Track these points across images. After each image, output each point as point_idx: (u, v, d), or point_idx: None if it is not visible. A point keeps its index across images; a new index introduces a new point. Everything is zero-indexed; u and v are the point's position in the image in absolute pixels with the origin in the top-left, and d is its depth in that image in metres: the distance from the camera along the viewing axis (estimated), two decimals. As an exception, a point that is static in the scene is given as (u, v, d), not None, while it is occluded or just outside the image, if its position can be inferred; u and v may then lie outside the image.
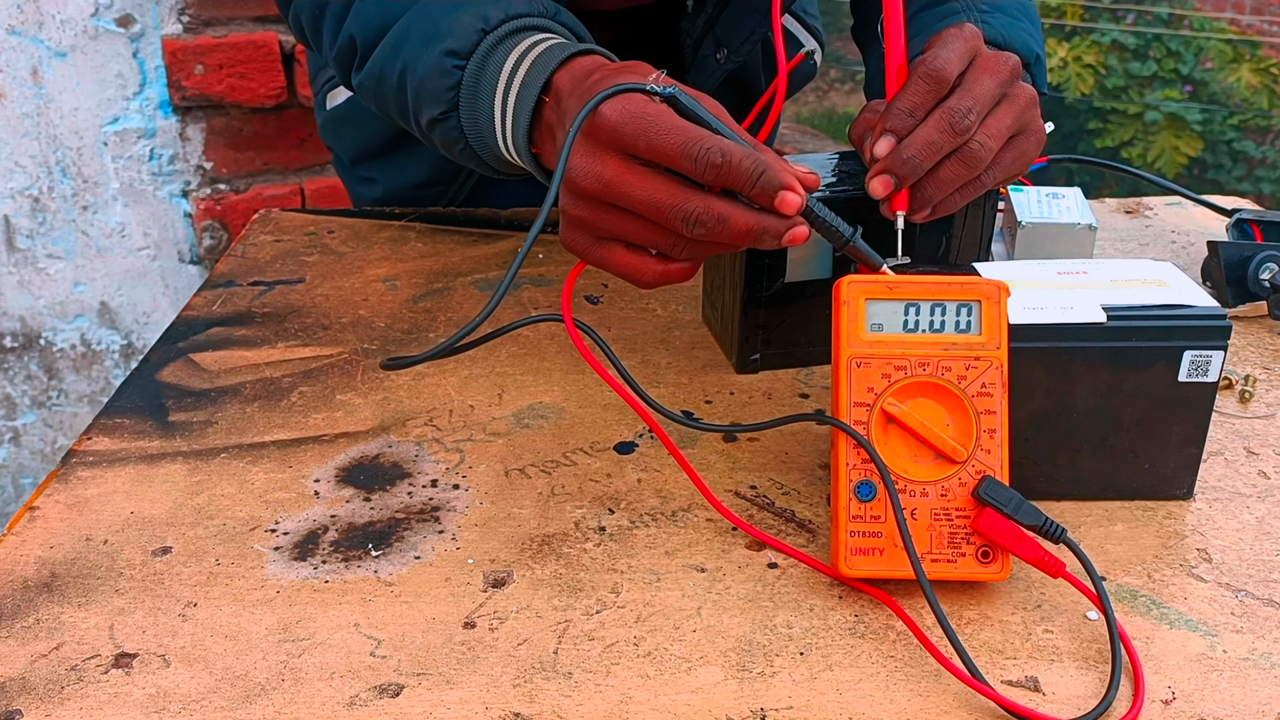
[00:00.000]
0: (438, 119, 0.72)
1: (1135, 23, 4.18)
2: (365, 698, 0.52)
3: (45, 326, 1.56)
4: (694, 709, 0.51)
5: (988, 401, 0.57)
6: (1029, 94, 0.67)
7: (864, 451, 0.57)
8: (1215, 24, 4.17)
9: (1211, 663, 0.54)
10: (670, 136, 0.57)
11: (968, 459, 0.57)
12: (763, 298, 0.76)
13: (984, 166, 0.65)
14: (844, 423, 0.57)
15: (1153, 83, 4.07)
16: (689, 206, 0.58)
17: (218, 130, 1.49)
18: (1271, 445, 0.71)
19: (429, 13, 0.73)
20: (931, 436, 0.57)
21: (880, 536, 0.57)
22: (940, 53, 0.65)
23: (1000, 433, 0.57)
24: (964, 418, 0.57)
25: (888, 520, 0.56)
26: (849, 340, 0.58)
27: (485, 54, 0.69)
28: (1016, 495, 0.56)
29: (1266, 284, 0.85)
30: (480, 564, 0.60)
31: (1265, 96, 3.94)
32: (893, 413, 0.57)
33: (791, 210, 0.59)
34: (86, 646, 0.55)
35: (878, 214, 0.67)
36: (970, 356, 0.57)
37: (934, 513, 0.57)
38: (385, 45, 0.76)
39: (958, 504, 0.57)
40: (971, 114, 0.63)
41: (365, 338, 0.84)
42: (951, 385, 0.57)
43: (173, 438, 0.72)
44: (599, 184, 0.59)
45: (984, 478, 0.56)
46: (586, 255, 0.63)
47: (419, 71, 0.72)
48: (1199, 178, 4.07)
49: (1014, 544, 0.55)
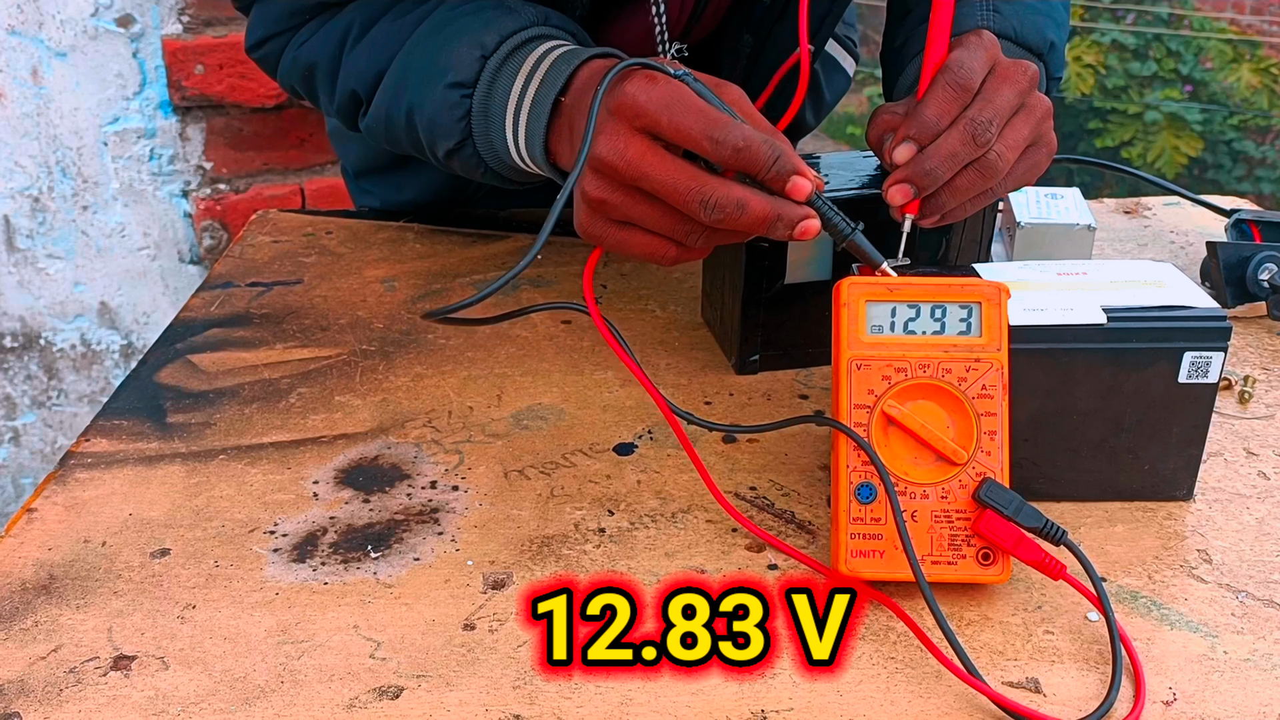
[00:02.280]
0: (454, 150, 0.74)
1: (1135, 22, 4.18)
2: (365, 700, 0.52)
3: (45, 327, 1.56)
4: (694, 710, 0.51)
5: (988, 403, 0.57)
6: (1045, 106, 0.68)
7: (864, 453, 0.57)
8: (1215, 24, 4.17)
9: (1212, 664, 0.54)
10: (692, 117, 0.58)
11: (968, 461, 0.57)
12: (762, 299, 0.76)
13: (999, 177, 0.65)
14: (845, 425, 0.57)
15: (1153, 83, 4.07)
16: (708, 190, 0.58)
17: (218, 130, 1.49)
18: (1271, 446, 0.71)
19: (424, 51, 0.74)
20: (932, 439, 0.57)
21: (880, 539, 0.57)
22: (965, 61, 0.64)
23: (1001, 434, 0.57)
24: (964, 419, 0.57)
25: (888, 522, 0.56)
26: (849, 342, 0.58)
27: (490, 79, 0.71)
28: (1017, 498, 0.56)
29: (1265, 284, 0.85)
30: (480, 565, 0.60)
31: (1265, 96, 3.93)
32: (893, 415, 0.57)
33: (802, 196, 0.59)
34: (85, 649, 0.55)
35: (879, 214, 0.67)
36: (970, 358, 0.57)
37: (934, 515, 0.57)
38: (385, 90, 0.77)
39: (958, 506, 0.57)
40: (993, 126, 0.63)
41: (364, 339, 0.84)
42: (952, 387, 0.57)
43: (171, 439, 0.72)
44: (623, 161, 0.59)
45: (984, 480, 0.56)
46: (604, 239, 0.63)
47: (427, 110, 0.73)
48: (1199, 178, 4.07)
49: (1014, 546, 0.55)
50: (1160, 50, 4.08)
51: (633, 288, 0.92)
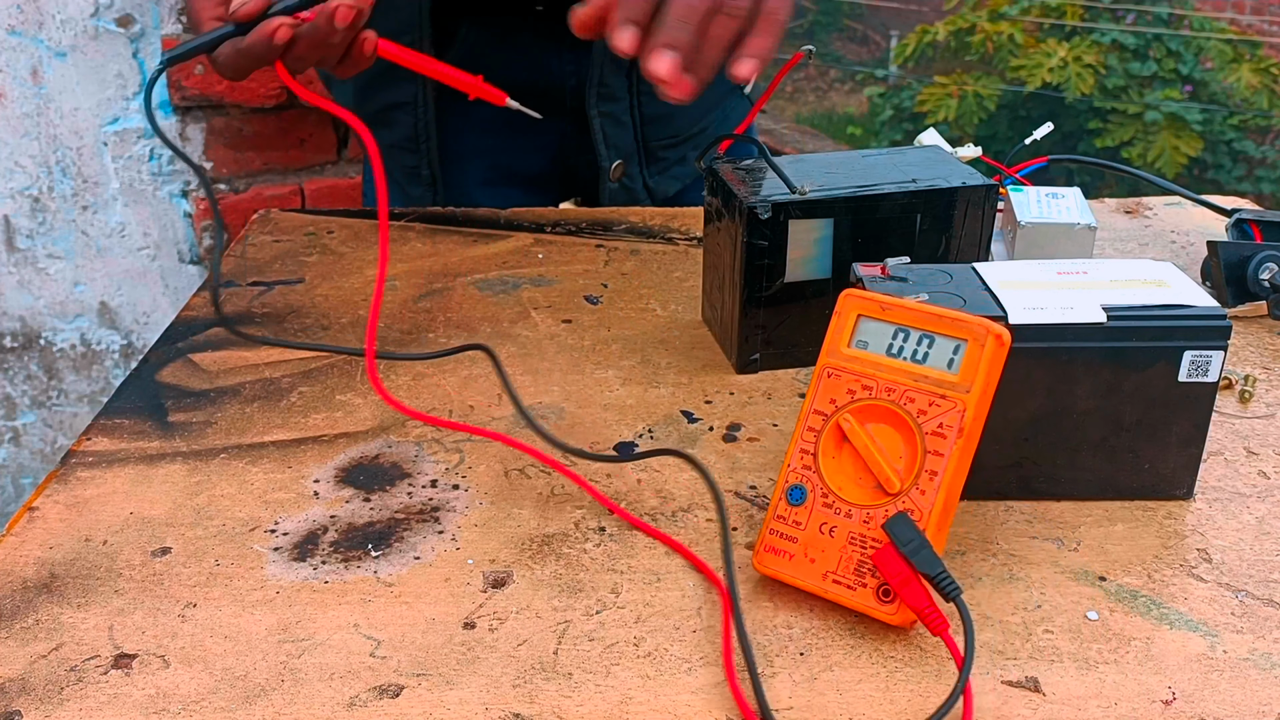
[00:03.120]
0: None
1: (1135, 22, 4.18)
2: (365, 698, 0.52)
3: (45, 326, 1.56)
4: (694, 709, 0.51)
5: (939, 442, 0.55)
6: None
7: (810, 458, 0.57)
8: (1215, 24, 4.17)
9: (1211, 663, 0.54)
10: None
11: (899, 493, 0.55)
12: (762, 298, 0.76)
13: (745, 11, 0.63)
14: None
15: (1152, 83, 4.07)
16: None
17: (218, 130, 1.49)
18: (1271, 445, 0.71)
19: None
20: (871, 461, 0.56)
21: (795, 542, 0.56)
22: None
23: (943, 477, 0.54)
24: (913, 452, 0.55)
25: (807, 530, 0.56)
26: (829, 350, 0.58)
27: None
28: (921, 539, 0.53)
29: (1266, 284, 0.85)
30: (480, 564, 0.60)
31: (1265, 96, 3.94)
32: (845, 429, 0.56)
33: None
34: (86, 647, 0.55)
35: (878, 212, 0.67)
36: (936, 394, 0.55)
37: (850, 536, 0.55)
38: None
39: (874, 534, 0.55)
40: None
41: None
42: (909, 417, 0.56)
43: (172, 438, 0.72)
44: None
45: (900, 513, 0.54)
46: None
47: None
48: (1199, 178, 4.07)
49: (901, 585, 0.53)
50: (1160, 50, 4.08)
51: (633, 287, 0.92)
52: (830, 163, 0.80)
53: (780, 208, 0.74)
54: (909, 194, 0.76)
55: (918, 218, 0.76)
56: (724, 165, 0.80)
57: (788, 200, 0.74)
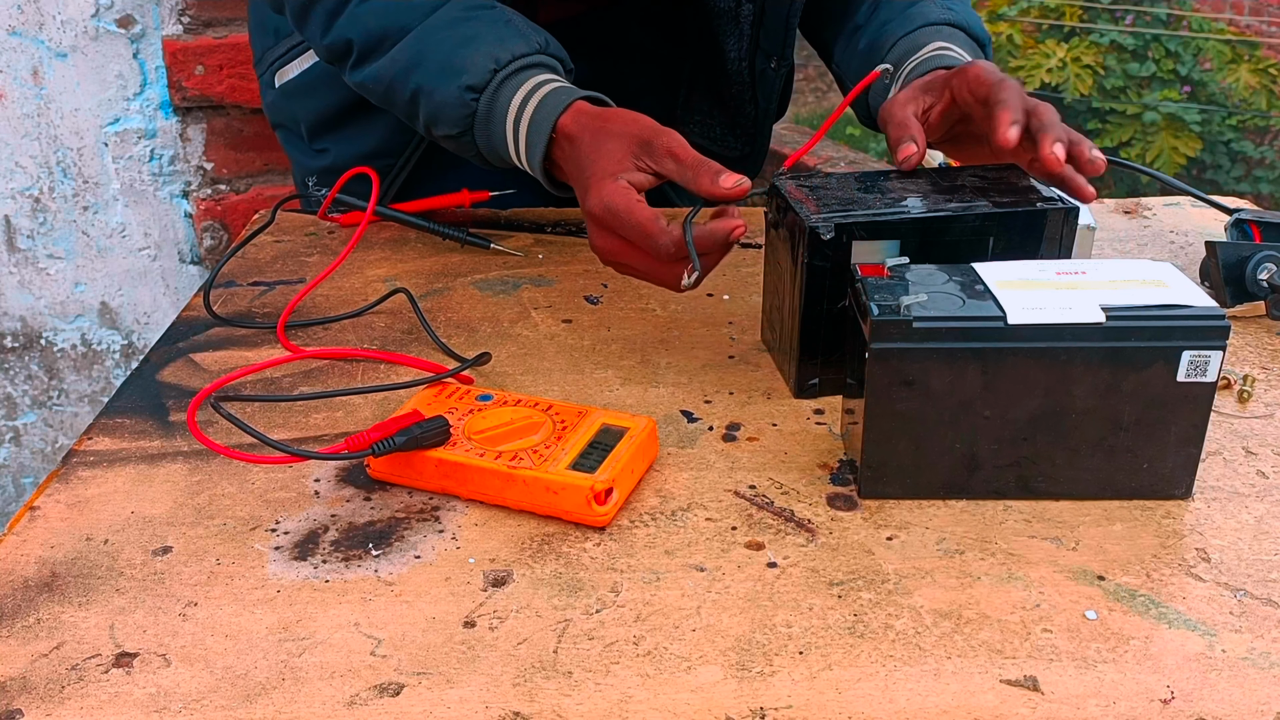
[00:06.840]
0: (453, 136, 0.87)
1: (1134, 23, 4.18)
2: (365, 697, 0.52)
3: (46, 326, 1.56)
4: (694, 708, 0.51)
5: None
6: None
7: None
8: (1214, 24, 4.17)
9: (1210, 662, 0.54)
10: (632, 233, 0.73)
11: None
12: (822, 321, 0.73)
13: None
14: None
15: (1151, 83, 4.07)
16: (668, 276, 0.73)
17: (218, 131, 1.49)
18: (1270, 445, 0.71)
19: (441, 44, 0.86)
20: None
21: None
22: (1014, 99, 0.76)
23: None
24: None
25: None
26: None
27: (495, 89, 0.84)
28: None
29: (1264, 284, 0.85)
30: (480, 563, 0.61)
31: (1264, 97, 3.94)
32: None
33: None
34: (87, 646, 0.55)
35: (948, 237, 0.71)
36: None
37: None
38: (395, 62, 0.88)
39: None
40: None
41: (365, 338, 0.84)
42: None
43: (173, 437, 0.72)
44: (605, 255, 0.77)
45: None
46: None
47: (435, 98, 0.86)
48: (1197, 178, 4.07)
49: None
50: (1159, 51, 4.08)
51: (633, 287, 0.92)
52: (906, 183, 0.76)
53: (843, 229, 0.70)
54: (980, 216, 0.72)
55: (990, 240, 0.72)
56: (787, 181, 0.76)
57: (850, 221, 0.71)
